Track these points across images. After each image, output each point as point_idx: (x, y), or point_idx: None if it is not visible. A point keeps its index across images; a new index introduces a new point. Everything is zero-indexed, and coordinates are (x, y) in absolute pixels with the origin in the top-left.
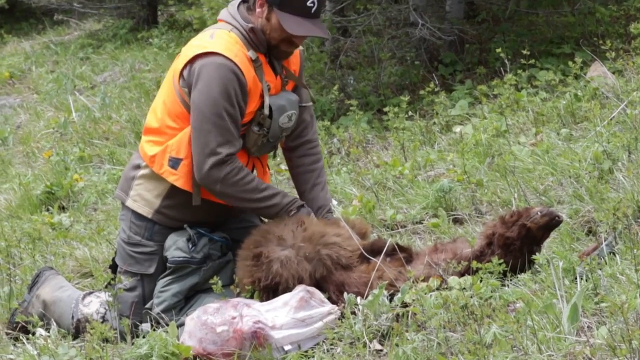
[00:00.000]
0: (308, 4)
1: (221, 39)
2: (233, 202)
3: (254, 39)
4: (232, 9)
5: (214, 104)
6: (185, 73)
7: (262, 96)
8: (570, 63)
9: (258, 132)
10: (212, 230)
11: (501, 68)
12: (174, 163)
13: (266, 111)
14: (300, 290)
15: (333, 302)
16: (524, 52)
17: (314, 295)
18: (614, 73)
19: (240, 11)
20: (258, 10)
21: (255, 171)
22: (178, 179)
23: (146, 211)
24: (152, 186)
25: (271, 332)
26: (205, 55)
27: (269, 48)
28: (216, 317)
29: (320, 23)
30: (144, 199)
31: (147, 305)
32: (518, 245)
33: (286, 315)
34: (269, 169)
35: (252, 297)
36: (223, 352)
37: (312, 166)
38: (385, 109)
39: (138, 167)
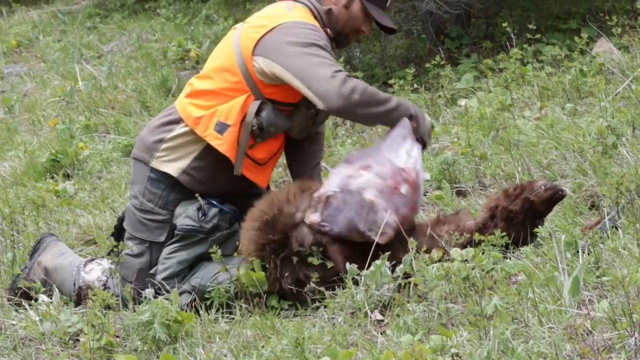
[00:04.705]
0: None
1: (300, 12)
2: (367, 112)
3: (327, 22)
4: None
5: (308, 44)
6: (265, 41)
7: None
8: (576, 38)
9: (306, 112)
10: (222, 201)
11: (507, 42)
12: (221, 128)
13: None
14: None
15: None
16: (531, 26)
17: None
18: (619, 49)
19: None
20: None
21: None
22: (222, 144)
23: (174, 169)
24: (185, 146)
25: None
26: (288, 23)
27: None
28: (389, 180)
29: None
30: (175, 157)
31: (152, 271)
32: (521, 218)
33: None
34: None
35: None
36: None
37: (315, 154)
38: (391, 82)
39: (169, 129)
